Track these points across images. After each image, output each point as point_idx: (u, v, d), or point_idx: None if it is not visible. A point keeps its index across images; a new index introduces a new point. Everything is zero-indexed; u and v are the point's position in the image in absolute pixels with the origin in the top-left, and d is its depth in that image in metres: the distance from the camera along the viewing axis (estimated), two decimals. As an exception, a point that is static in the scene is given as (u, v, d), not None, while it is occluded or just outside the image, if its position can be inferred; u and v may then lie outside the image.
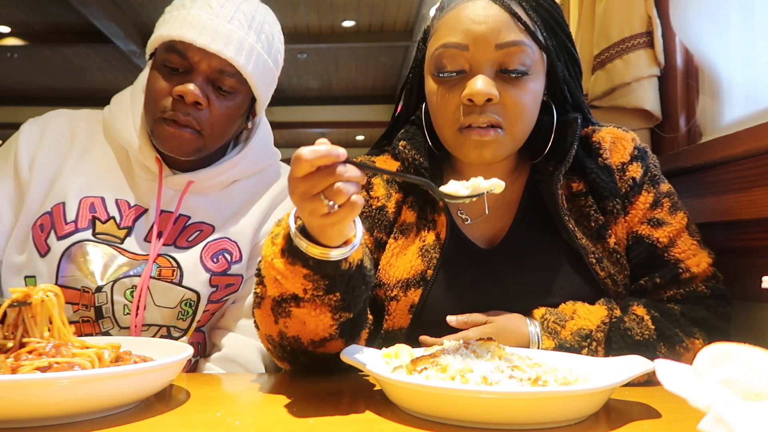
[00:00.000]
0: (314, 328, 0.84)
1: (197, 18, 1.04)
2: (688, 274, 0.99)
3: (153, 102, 1.08)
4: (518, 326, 0.95)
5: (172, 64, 1.07)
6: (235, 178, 1.21)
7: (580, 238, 0.98)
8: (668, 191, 1.03)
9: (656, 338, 0.92)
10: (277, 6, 6.11)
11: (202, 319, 1.16)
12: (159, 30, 1.08)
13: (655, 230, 1.00)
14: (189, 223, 1.16)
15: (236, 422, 0.69)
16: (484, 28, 0.92)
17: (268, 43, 1.11)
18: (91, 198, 1.13)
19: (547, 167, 1.01)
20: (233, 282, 1.17)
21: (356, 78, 8.48)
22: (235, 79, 1.08)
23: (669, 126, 1.45)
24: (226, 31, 1.05)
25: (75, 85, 8.91)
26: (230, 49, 1.05)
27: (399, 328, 1.00)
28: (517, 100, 0.93)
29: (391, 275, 1.01)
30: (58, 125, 1.18)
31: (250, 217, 1.20)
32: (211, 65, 1.06)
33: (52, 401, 0.65)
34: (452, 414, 0.68)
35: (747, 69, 1.32)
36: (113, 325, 1.10)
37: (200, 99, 1.05)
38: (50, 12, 6.31)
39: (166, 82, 1.07)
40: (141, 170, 1.16)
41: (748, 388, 0.49)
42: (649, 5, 1.45)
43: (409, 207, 1.04)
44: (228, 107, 1.10)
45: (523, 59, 0.93)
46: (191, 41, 1.04)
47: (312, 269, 0.77)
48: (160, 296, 1.11)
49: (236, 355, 1.16)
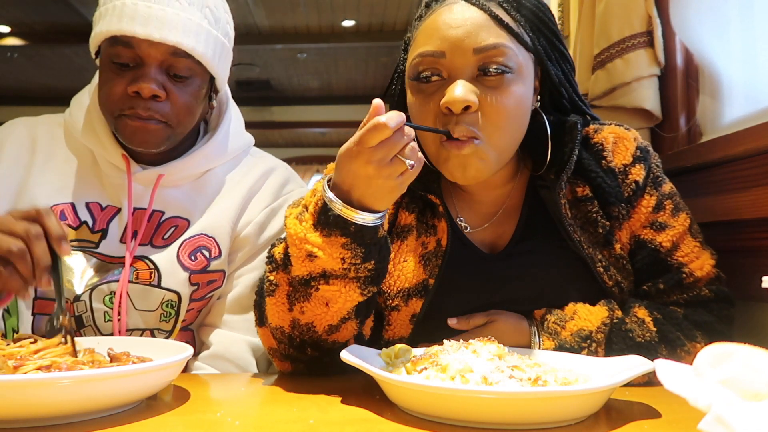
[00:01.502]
0: (340, 307, 0.85)
1: (134, 8, 0.99)
2: (691, 279, 0.97)
3: (109, 102, 1.04)
4: (518, 326, 0.95)
5: (120, 60, 1.02)
6: (208, 167, 1.17)
7: (587, 247, 0.96)
8: (670, 192, 1.01)
9: (657, 341, 0.91)
10: (277, 6, 6.04)
11: (188, 317, 1.14)
12: (98, 25, 1.03)
13: (658, 234, 0.98)
14: (164, 218, 1.13)
15: (236, 422, 0.68)
16: (460, 32, 0.88)
17: (213, 17, 1.06)
18: (60, 205, 1.09)
19: (548, 174, 0.98)
20: (215, 278, 1.14)
21: (356, 78, 8.46)
22: (189, 61, 1.04)
23: (669, 125, 1.45)
24: (167, 15, 1.00)
25: (75, 85, 8.82)
26: (176, 34, 1.00)
27: (399, 337, 0.99)
28: (498, 105, 0.88)
29: (392, 284, 0.98)
30: (16, 136, 1.15)
31: (226, 209, 1.16)
32: (160, 54, 1.01)
33: (52, 401, 0.65)
34: (452, 414, 0.68)
35: (747, 69, 1.32)
36: (95, 333, 1.08)
37: (157, 92, 1.01)
38: (50, 12, 6.30)
39: (118, 80, 1.02)
40: (109, 169, 1.12)
41: (748, 388, 0.49)
42: (649, 5, 1.44)
43: (404, 208, 1.02)
44: (188, 92, 1.06)
45: (504, 61, 0.88)
46: (133, 34, 0.99)
47: (352, 236, 0.79)
48: (139, 300, 1.09)
49: (225, 352, 1.13)
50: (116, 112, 1.04)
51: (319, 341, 0.88)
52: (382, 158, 0.75)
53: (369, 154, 0.75)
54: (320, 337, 0.87)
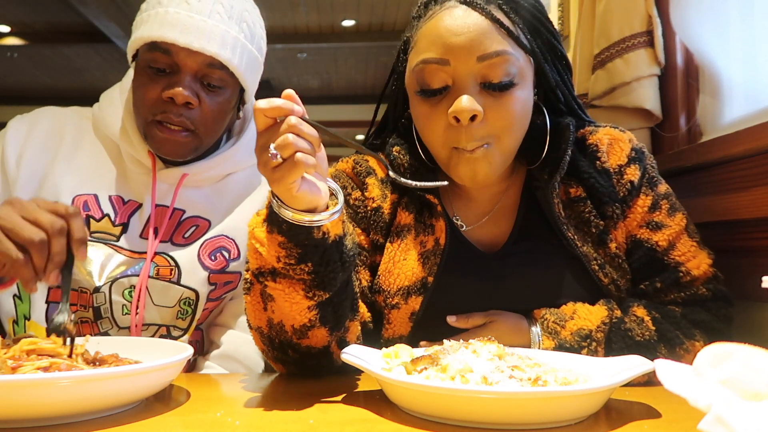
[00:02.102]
0: (290, 310, 0.83)
1: (176, 17, 1.02)
2: (688, 277, 0.98)
3: (143, 105, 1.07)
4: (518, 326, 0.95)
5: (157, 65, 1.05)
6: (229, 171, 1.20)
7: (581, 245, 0.97)
8: (666, 192, 1.02)
9: (657, 339, 0.92)
10: (277, 6, 6.06)
11: (200, 317, 1.16)
12: (139, 30, 1.06)
13: (654, 234, 0.99)
14: (184, 217, 1.15)
15: (236, 422, 0.68)
16: (464, 39, 0.88)
17: (250, 32, 1.10)
18: (84, 196, 1.11)
19: (542, 174, 0.99)
20: (231, 279, 1.16)
21: (356, 78, 8.47)
22: (223, 73, 1.07)
23: (669, 125, 1.45)
24: (207, 26, 1.03)
25: (75, 85, 8.91)
26: (214, 45, 1.03)
27: (399, 336, 0.99)
28: (504, 113, 0.90)
29: (392, 282, 0.99)
30: (46, 123, 1.17)
31: (246, 212, 1.18)
32: (196, 63, 1.04)
33: (52, 401, 0.65)
34: (452, 414, 0.68)
35: (747, 69, 1.32)
36: (112, 325, 1.10)
37: (191, 99, 1.04)
38: (50, 12, 6.31)
39: (153, 85, 1.05)
40: (133, 164, 1.15)
41: (748, 388, 0.49)
42: (649, 4, 1.45)
43: (404, 208, 1.02)
44: (218, 102, 1.09)
45: (507, 69, 0.89)
46: (173, 41, 1.02)
47: (286, 235, 0.78)
48: (158, 295, 1.11)
49: (235, 352, 1.15)
50: (149, 117, 1.06)
51: (293, 343, 0.87)
52: (262, 145, 0.74)
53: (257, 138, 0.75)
54: (292, 340, 0.87)
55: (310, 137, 0.74)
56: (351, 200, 1.03)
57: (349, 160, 1.07)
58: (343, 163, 1.07)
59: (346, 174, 1.05)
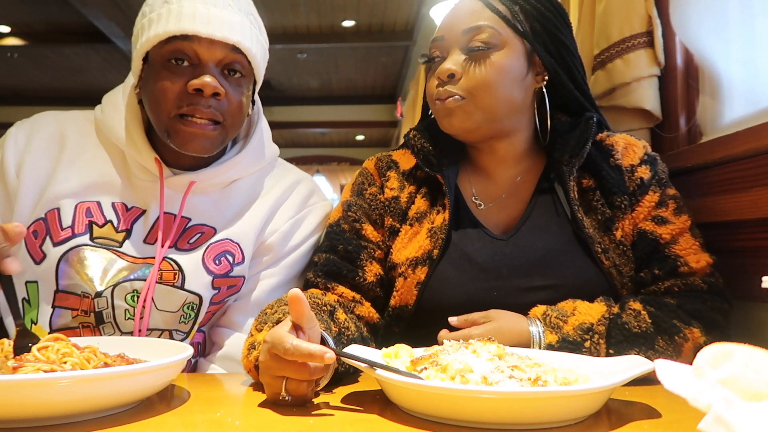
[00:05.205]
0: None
1: (193, 9, 1.02)
2: (686, 269, 1.01)
3: (166, 101, 1.04)
4: (518, 325, 0.96)
5: (179, 56, 1.03)
6: (238, 176, 1.19)
7: (588, 227, 1.03)
8: (674, 195, 1.07)
9: (654, 331, 0.93)
10: (277, 6, 6.06)
11: (203, 319, 1.15)
12: (150, 29, 1.04)
13: (659, 227, 1.04)
14: (189, 225, 1.14)
15: (236, 422, 0.69)
16: (453, 17, 1.07)
17: (257, 24, 1.11)
18: (87, 203, 1.10)
19: (562, 156, 1.07)
20: (235, 283, 1.16)
21: (356, 78, 8.47)
22: (244, 61, 1.07)
23: (669, 126, 1.45)
24: (225, 16, 1.03)
25: (75, 85, 8.90)
26: (236, 34, 1.04)
27: (405, 304, 1.06)
28: (479, 73, 1.03)
29: (402, 255, 1.08)
30: (45, 129, 1.15)
31: (252, 217, 1.18)
32: (220, 53, 1.04)
33: (52, 401, 0.66)
34: (452, 414, 0.68)
35: (747, 69, 1.32)
36: (114, 330, 1.09)
37: (219, 89, 1.03)
38: (50, 12, 6.30)
39: (176, 78, 1.03)
40: (139, 171, 1.13)
41: (748, 388, 0.49)
42: (649, 5, 1.44)
43: (423, 197, 1.12)
44: (241, 92, 1.09)
45: (487, 39, 1.03)
46: (195, 32, 1.01)
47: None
48: (162, 300, 1.10)
49: (236, 353, 1.14)
50: (173, 111, 1.04)
51: None
52: (273, 367, 0.75)
53: (270, 353, 0.75)
54: None
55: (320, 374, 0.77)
56: (366, 194, 1.16)
57: (374, 158, 1.21)
58: (369, 161, 1.21)
59: (369, 171, 1.19)
